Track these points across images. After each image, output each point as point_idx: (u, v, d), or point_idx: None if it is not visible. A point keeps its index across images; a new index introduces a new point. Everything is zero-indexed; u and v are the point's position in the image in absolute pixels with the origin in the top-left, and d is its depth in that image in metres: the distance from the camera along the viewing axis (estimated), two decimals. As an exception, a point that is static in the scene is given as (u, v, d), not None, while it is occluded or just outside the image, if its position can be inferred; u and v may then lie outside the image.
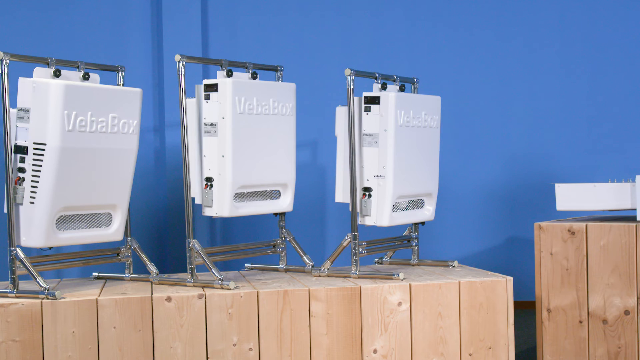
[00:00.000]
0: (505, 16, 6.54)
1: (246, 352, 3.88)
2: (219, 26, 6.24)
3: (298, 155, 5.48)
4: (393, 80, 4.59)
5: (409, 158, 4.42)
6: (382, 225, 4.36)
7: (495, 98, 6.55)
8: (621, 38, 6.53)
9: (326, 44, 6.40)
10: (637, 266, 4.36)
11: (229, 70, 4.24)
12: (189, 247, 4.12)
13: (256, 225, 6.13)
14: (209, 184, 4.20)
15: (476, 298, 4.16)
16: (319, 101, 6.20)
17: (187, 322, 3.81)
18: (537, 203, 6.42)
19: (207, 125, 4.18)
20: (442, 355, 4.11)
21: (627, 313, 4.38)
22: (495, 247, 6.54)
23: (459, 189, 6.48)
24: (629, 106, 6.52)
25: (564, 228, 4.52)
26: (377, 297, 4.04)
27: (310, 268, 4.55)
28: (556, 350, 4.53)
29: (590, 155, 6.52)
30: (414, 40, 6.48)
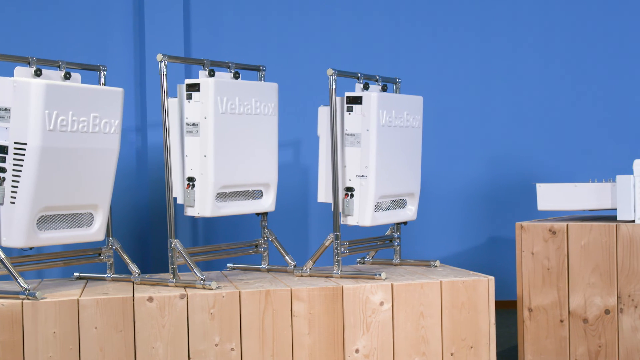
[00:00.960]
0: (487, 16, 6.56)
1: (228, 352, 3.87)
2: (201, 26, 6.23)
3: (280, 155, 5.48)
4: (375, 80, 4.59)
5: (391, 158, 4.43)
6: (364, 225, 4.36)
7: (477, 98, 6.57)
8: (603, 39, 6.57)
9: (308, 44, 6.40)
10: (618, 266, 4.38)
11: (211, 70, 4.23)
12: (170, 247, 4.11)
13: (238, 225, 6.12)
14: (191, 183, 4.19)
15: (458, 298, 4.17)
16: (301, 101, 6.20)
17: (169, 322, 3.80)
18: (519, 203, 6.45)
19: (189, 125, 4.18)
20: (424, 354, 4.12)
21: (608, 312, 4.41)
22: (477, 247, 6.56)
23: (441, 189, 6.49)
24: (610, 107, 6.56)
25: (545, 228, 4.54)
26: (359, 297, 4.04)
27: (292, 268, 4.55)
28: (537, 350, 4.55)
29: (572, 155, 6.55)
30: (397, 40, 6.49)
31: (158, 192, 5.86)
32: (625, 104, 6.55)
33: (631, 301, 4.35)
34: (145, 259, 5.93)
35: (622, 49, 6.55)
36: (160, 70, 4.06)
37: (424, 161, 4.88)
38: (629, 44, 6.55)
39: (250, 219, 5.21)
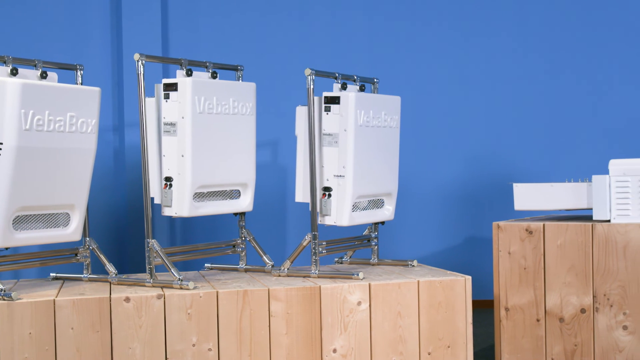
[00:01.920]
0: (465, 18, 6.59)
1: (205, 352, 3.86)
2: (179, 25, 6.22)
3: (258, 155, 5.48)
4: (353, 80, 4.60)
5: (369, 158, 4.44)
6: (341, 225, 4.37)
7: (455, 98, 6.60)
8: (578, 40, 6.61)
9: (286, 44, 6.40)
10: (593, 265, 4.41)
11: (189, 70, 4.22)
12: (148, 247, 4.09)
13: (216, 225, 6.12)
14: (169, 183, 4.18)
15: (435, 297, 4.19)
16: (279, 101, 6.20)
17: (146, 322, 3.79)
18: (496, 203, 6.48)
19: (166, 125, 4.16)
20: (401, 354, 4.13)
21: (584, 311, 4.44)
22: (454, 247, 6.58)
23: (418, 189, 6.51)
24: (586, 107, 6.60)
25: (521, 227, 4.56)
26: (337, 296, 4.05)
27: (270, 268, 4.55)
28: (514, 349, 4.57)
29: (548, 155, 6.59)
30: (375, 40, 6.50)
31: (135, 192, 5.84)
32: (601, 105, 6.59)
33: (607, 300, 4.38)
34: (122, 259, 5.90)
35: (599, 50, 6.60)
36: (137, 69, 4.05)
37: (402, 161, 4.90)
38: (605, 45, 6.60)
39: (228, 219, 5.20)
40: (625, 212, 4.43)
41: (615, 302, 4.37)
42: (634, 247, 4.33)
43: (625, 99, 6.58)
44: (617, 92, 6.59)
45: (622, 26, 6.58)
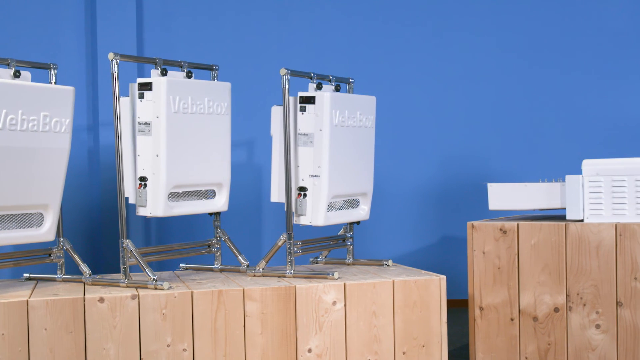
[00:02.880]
0: (441, 18, 6.61)
1: (180, 352, 3.85)
2: (155, 25, 6.20)
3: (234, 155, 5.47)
4: (328, 80, 4.60)
5: (344, 158, 4.44)
6: (317, 225, 4.37)
7: (431, 99, 6.62)
8: (555, 40, 6.65)
9: (262, 44, 6.40)
10: (567, 264, 4.45)
11: (164, 69, 4.21)
12: (122, 247, 4.08)
13: (191, 225, 6.10)
14: (143, 183, 4.16)
15: (410, 297, 4.20)
16: (254, 101, 6.19)
17: (120, 323, 3.77)
18: (471, 203, 6.51)
19: (141, 125, 4.15)
20: (376, 353, 4.14)
21: (557, 310, 4.47)
22: (429, 246, 6.60)
23: (393, 189, 6.53)
24: (560, 107, 6.65)
25: (496, 227, 4.59)
26: (312, 296, 4.05)
27: (245, 268, 4.54)
28: (488, 348, 4.59)
29: (523, 155, 6.62)
30: (350, 40, 6.51)
31: (110, 191, 5.82)
32: (575, 105, 6.64)
33: (580, 299, 4.42)
34: (96, 260, 5.88)
35: (574, 51, 6.64)
36: (111, 69, 4.03)
37: (377, 161, 4.91)
38: (580, 46, 6.64)
39: (204, 218, 5.19)
40: (598, 212, 4.46)
41: (588, 301, 4.40)
42: (607, 246, 4.36)
43: (599, 100, 6.63)
44: (591, 93, 6.64)
45: (596, 27, 6.63)
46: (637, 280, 4.31)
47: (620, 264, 4.35)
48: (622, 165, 4.45)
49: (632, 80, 6.60)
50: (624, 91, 6.61)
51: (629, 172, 4.43)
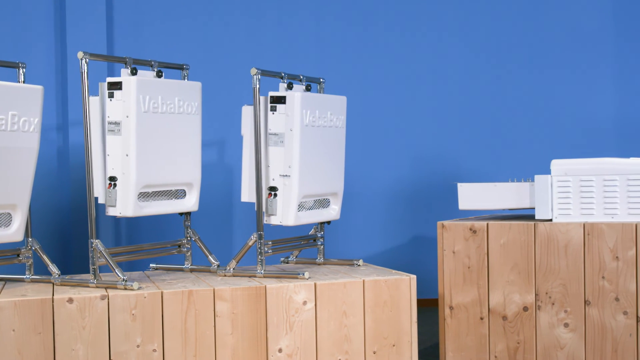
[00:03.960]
0: (411, 18, 6.64)
1: (150, 353, 3.84)
2: (125, 24, 6.17)
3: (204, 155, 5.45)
4: (299, 80, 4.61)
5: (315, 158, 4.45)
6: (287, 225, 4.37)
7: (401, 99, 6.64)
8: (522, 40, 6.70)
9: (233, 43, 6.39)
10: (536, 264, 4.48)
11: (134, 69, 4.19)
12: (91, 247, 4.05)
13: (162, 225, 6.08)
14: (113, 183, 4.14)
15: (380, 296, 4.21)
16: (225, 100, 6.18)
17: (90, 323, 3.75)
18: (441, 202, 6.54)
19: (110, 124, 4.13)
20: (346, 353, 4.15)
21: (526, 309, 4.50)
22: (399, 246, 6.63)
23: (364, 189, 6.55)
24: (529, 108, 6.69)
25: (465, 227, 4.61)
26: (283, 296, 4.05)
27: (215, 268, 4.53)
28: (458, 347, 4.62)
29: (493, 155, 6.66)
30: (321, 40, 6.52)
31: (79, 191, 5.78)
32: (544, 106, 6.69)
33: (548, 298, 4.45)
34: (66, 260, 5.84)
35: (543, 51, 6.69)
36: (81, 68, 4.00)
37: (348, 161, 4.92)
38: (549, 46, 6.70)
39: (174, 218, 5.17)
40: (567, 211, 4.50)
41: (556, 300, 4.44)
42: (575, 246, 4.40)
43: (568, 100, 6.68)
44: (560, 93, 6.69)
45: (565, 27, 6.68)
46: (604, 280, 4.36)
47: (588, 263, 4.39)
48: (590, 165, 4.49)
49: (600, 80, 6.66)
50: (592, 92, 6.67)
51: (597, 172, 4.47)
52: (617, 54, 6.64)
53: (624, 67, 6.64)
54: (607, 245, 4.35)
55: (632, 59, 6.63)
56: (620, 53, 6.63)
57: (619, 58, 6.64)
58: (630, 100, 6.63)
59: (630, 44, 6.62)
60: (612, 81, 6.65)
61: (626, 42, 6.63)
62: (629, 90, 6.63)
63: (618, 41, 6.64)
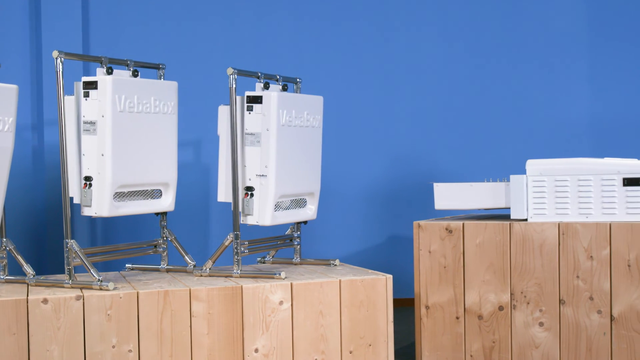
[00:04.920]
0: (388, 17, 6.65)
1: (125, 353, 3.82)
2: (101, 23, 6.14)
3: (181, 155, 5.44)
4: (276, 80, 4.61)
5: (291, 157, 4.45)
6: (264, 225, 4.36)
7: (378, 99, 6.65)
8: (498, 41, 6.73)
9: (209, 43, 6.37)
10: (511, 263, 4.50)
11: (109, 68, 4.17)
12: (66, 247, 4.03)
13: (138, 225, 6.05)
14: (88, 183, 4.12)
15: (357, 296, 4.22)
16: (202, 100, 6.17)
17: (65, 324, 3.73)
18: (417, 202, 6.56)
19: (86, 124, 4.11)
20: (323, 353, 4.15)
21: (501, 309, 4.52)
22: (376, 246, 6.64)
23: (341, 189, 6.55)
24: (505, 108, 6.73)
25: (441, 227, 4.63)
26: (259, 296, 4.05)
27: (192, 268, 4.52)
28: (434, 346, 4.63)
29: (469, 155, 6.69)
30: (298, 40, 6.52)
31: (54, 191, 5.75)
32: (520, 106, 6.72)
33: (524, 297, 4.48)
34: (41, 260, 5.80)
35: (519, 50, 6.72)
36: (56, 67, 3.98)
37: (325, 161, 4.92)
38: (525, 46, 6.73)
39: (150, 218, 5.15)
40: (542, 211, 4.53)
41: (532, 300, 4.46)
42: (550, 245, 4.43)
43: (543, 100, 6.72)
44: (535, 93, 6.73)
45: (541, 27, 6.72)
46: (579, 279, 4.39)
47: (563, 262, 4.42)
48: (564, 165, 4.52)
49: (575, 81, 6.70)
50: (567, 92, 6.71)
51: (572, 172, 4.50)
52: (591, 54, 6.69)
53: (598, 68, 6.69)
54: (581, 245, 4.38)
55: (606, 59, 6.68)
56: (595, 53, 6.68)
57: (594, 58, 6.69)
58: (605, 101, 6.68)
59: (605, 44, 6.67)
60: (586, 81, 6.70)
61: (600, 42, 6.68)
62: (604, 91, 6.68)
63: (592, 41, 6.69)
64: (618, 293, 4.32)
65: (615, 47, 6.67)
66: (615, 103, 6.66)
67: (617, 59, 6.67)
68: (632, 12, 6.67)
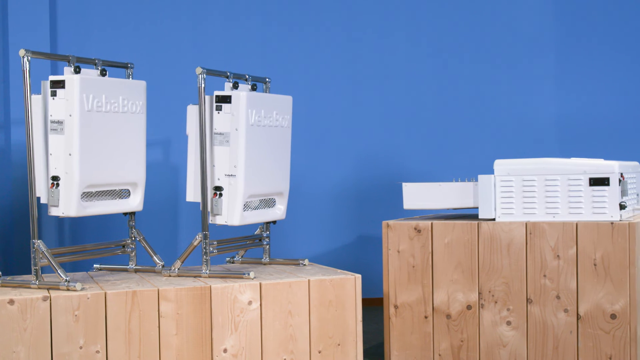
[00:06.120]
0: (356, 17, 6.66)
1: (93, 354, 3.80)
2: (69, 22, 6.09)
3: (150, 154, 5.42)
4: (245, 80, 4.60)
5: (260, 157, 4.44)
6: (233, 225, 4.36)
7: (347, 99, 6.66)
8: (466, 41, 6.76)
9: (178, 42, 6.35)
10: (479, 263, 4.53)
11: (77, 67, 4.15)
12: (33, 247, 4.00)
13: (106, 225, 6.02)
14: (55, 183, 4.09)
15: (325, 296, 4.23)
16: (170, 99, 6.14)
17: (31, 325, 3.70)
18: (386, 202, 6.57)
19: (53, 123, 4.08)
20: (292, 352, 4.15)
21: (469, 308, 4.55)
22: (345, 246, 6.65)
23: (310, 188, 6.55)
24: (473, 109, 6.76)
25: (410, 226, 4.65)
26: (228, 296, 4.04)
27: (160, 268, 4.51)
28: (403, 345, 4.65)
29: (437, 155, 6.72)
30: (267, 40, 6.51)
31: (21, 191, 5.70)
32: (488, 106, 6.76)
33: (491, 297, 4.50)
34: (7, 261, 5.75)
35: (487, 51, 6.76)
36: (23, 66, 3.95)
37: (294, 161, 4.92)
38: (493, 47, 6.77)
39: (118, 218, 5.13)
40: (509, 210, 4.56)
41: (499, 299, 4.49)
42: (517, 244, 4.46)
43: (512, 101, 6.76)
44: (503, 94, 6.77)
45: (508, 27, 6.76)
46: (546, 278, 4.42)
47: (530, 261, 4.46)
48: (532, 165, 4.56)
49: (542, 81, 6.75)
50: (534, 92, 6.76)
51: (539, 172, 4.54)
52: (558, 54, 6.74)
53: (565, 68, 6.75)
54: (548, 244, 4.42)
55: (572, 59, 6.74)
56: (561, 54, 6.74)
57: (560, 59, 6.74)
58: (571, 101, 6.74)
59: (571, 45, 6.73)
60: (553, 82, 6.75)
61: (567, 42, 6.73)
62: (570, 91, 6.74)
63: (559, 42, 6.74)
64: (584, 292, 4.36)
65: (581, 47, 6.73)
66: (582, 103, 6.72)
67: (583, 59, 6.73)
68: (598, 13, 6.73)
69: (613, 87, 6.70)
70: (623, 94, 6.69)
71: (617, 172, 4.43)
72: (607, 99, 6.70)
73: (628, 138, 6.64)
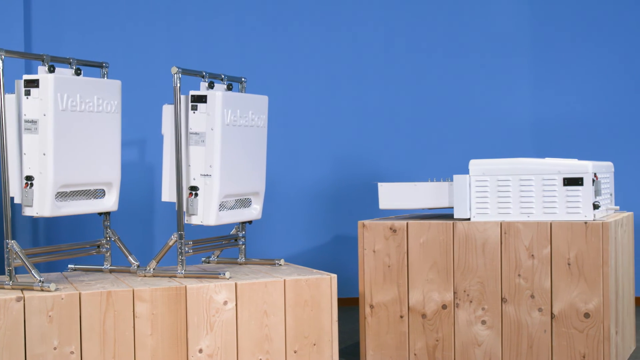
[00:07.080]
0: (332, 18, 6.67)
1: (67, 355, 3.78)
2: (43, 20, 6.06)
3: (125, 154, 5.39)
4: (221, 79, 4.59)
5: (236, 157, 4.44)
6: (208, 225, 4.35)
7: (323, 98, 6.67)
8: (441, 41, 6.78)
9: (154, 42, 6.33)
10: (454, 262, 4.55)
11: (51, 66, 4.12)
12: (7, 248, 3.97)
13: (81, 225, 5.99)
14: (29, 182, 4.07)
15: (301, 296, 4.23)
16: (145, 99, 6.12)
17: (4, 326, 3.68)
18: (362, 202, 6.59)
19: (27, 122, 4.05)
20: (267, 352, 4.15)
21: (445, 307, 4.57)
22: (321, 246, 6.65)
23: (286, 188, 6.56)
24: (448, 109, 6.79)
25: (386, 226, 4.66)
26: (203, 296, 4.03)
27: (135, 268, 4.49)
28: (378, 345, 4.66)
29: (413, 155, 6.74)
30: (242, 39, 6.51)
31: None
32: (463, 106, 6.79)
33: (467, 296, 4.53)
34: (-19, 261, 5.70)
35: (462, 52, 6.79)
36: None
37: (269, 160, 4.92)
38: (468, 47, 6.80)
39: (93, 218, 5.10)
40: (484, 210, 4.58)
41: (474, 298, 4.52)
42: (492, 244, 4.49)
43: (486, 101, 6.79)
44: (478, 94, 6.80)
45: (483, 27, 6.79)
46: (520, 277, 4.45)
47: (505, 261, 4.48)
48: (507, 165, 4.58)
49: (517, 81, 6.79)
50: (509, 92, 6.79)
51: (514, 172, 4.57)
52: (533, 55, 6.78)
53: (540, 68, 6.78)
54: (523, 244, 4.45)
55: (548, 60, 6.78)
56: (537, 54, 6.77)
57: (535, 59, 6.78)
58: (546, 101, 6.78)
59: (546, 45, 6.77)
60: (528, 82, 6.79)
61: (542, 43, 6.77)
62: (545, 91, 6.78)
63: (535, 42, 6.78)
64: (558, 291, 4.39)
65: (557, 47, 6.77)
66: (557, 104, 6.77)
67: (559, 59, 6.77)
68: (574, 13, 6.77)
69: (588, 87, 6.75)
70: (598, 95, 6.74)
71: (590, 172, 4.47)
72: (582, 99, 6.75)
73: (602, 138, 6.69)
